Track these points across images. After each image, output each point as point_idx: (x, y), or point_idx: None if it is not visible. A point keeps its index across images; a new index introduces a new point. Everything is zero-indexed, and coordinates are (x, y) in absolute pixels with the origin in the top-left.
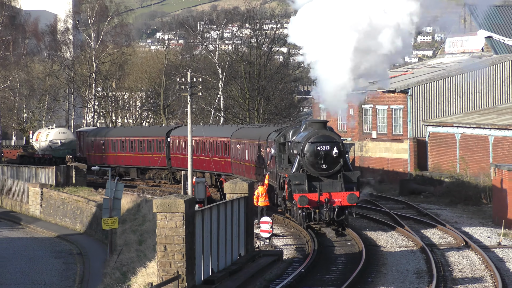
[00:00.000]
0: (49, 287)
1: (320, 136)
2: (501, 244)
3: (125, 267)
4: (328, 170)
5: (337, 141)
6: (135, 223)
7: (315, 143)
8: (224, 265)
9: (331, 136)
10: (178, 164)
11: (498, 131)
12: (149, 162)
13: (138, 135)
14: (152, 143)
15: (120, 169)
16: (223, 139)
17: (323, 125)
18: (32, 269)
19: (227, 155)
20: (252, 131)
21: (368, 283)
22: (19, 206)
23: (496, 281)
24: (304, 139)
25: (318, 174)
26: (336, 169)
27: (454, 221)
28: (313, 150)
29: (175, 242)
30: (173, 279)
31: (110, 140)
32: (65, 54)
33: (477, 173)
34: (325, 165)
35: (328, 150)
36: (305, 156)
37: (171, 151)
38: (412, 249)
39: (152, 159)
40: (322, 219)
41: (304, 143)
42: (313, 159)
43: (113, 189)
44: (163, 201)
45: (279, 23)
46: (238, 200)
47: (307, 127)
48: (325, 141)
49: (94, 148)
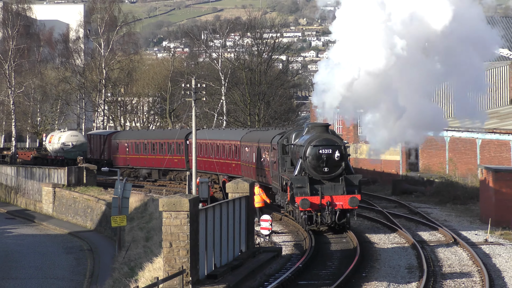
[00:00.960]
0: (61, 281)
1: (322, 139)
2: (487, 241)
3: (133, 262)
4: (330, 173)
5: (339, 144)
6: (142, 220)
7: (317, 146)
8: (226, 260)
9: (333, 139)
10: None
11: (485, 135)
12: (170, 164)
13: (159, 138)
14: (172, 145)
15: (143, 170)
16: (234, 142)
17: (325, 128)
18: (45, 264)
19: (237, 158)
20: (259, 134)
21: (362, 278)
22: (33, 204)
23: (483, 276)
24: (306, 143)
25: (320, 177)
26: (338, 172)
27: (444, 219)
28: (315, 153)
29: (180, 238)
30: (178, 273)
31: (133, 142)
32: (76, 62)
33: (465, 174)
34: (327, 168)
35: (330, 153)
36: (307, 159)
37: (189, 154)
38: (404, 246)
39: (173, 161)
40: (323, 222)
41: (306, 146)
42: (315, 162)
43: (122, 189)
44: (169, 200)
45: (279, 32)
46: (240, 199)
47: (309, 130)
48: (327, 144)
49: (119, 150)
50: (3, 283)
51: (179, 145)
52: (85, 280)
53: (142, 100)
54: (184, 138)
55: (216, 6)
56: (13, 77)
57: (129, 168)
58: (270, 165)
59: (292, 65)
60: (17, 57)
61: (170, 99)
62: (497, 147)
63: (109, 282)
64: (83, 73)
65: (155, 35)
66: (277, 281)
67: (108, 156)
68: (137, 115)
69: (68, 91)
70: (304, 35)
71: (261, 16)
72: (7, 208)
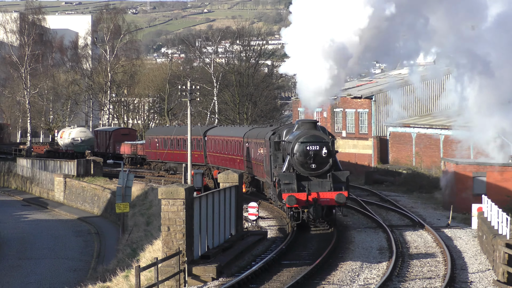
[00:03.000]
0: (71, 261)
1: (309, 136)
2: (449, 225)
3: (135, 244)
4: (318, 170)
5: (326, 141)
6: (143, 207)
7: (304, 143)
8: (218, 242)
9: (320, 136)
10: (212, 161)
11: (447, 131)
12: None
13: (183, 134)
14: (193, 141)
15: (171, 164)
16: (238, 138)
17: (314, 125)
18: (56, 246)
19: (240, 153)
20: (258, 131)
21: (338, 258)
22: (46, 193)
23: (446, 256)
24: (294, 139)
25: (307, 174)
26: (326, 169)
27: (411, 206)
28: (303, 150)
29: (176, 223)
30: (175, 254)
31: (162, 138)
32: (84, 66)
33: (429, 166)
34: (314, 165)
35: (317, 150)
36: (294, 156)
37: (207, 149)
38: (375, 230)
39: (193, 156)
40: (310, 218)
41: (294, 143)
42: (303, 159)
43: (125, 179)
44: (167, 189)
45: (264, 40)
46: (230, 188)
47: (299, 127)
48: (314, 141)
49: (151, 145)
50: (20, 263)
51: (199, 141)
52: (92, 260)
53: (143, 100)
54: (203, 135)
55: (209, 16)
56: (28, 79)
57: (160, 162)
58: (264, 160)
59: (276, 69)
60: (32, 62)
61: (168, 99)
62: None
63: (114, 261)
64: (90, 76)
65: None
66: (263, 261)
67: (113, 150)
68: (138, 113)
69: (77, 92)
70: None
71: (249, 25)
72: (23, 196)
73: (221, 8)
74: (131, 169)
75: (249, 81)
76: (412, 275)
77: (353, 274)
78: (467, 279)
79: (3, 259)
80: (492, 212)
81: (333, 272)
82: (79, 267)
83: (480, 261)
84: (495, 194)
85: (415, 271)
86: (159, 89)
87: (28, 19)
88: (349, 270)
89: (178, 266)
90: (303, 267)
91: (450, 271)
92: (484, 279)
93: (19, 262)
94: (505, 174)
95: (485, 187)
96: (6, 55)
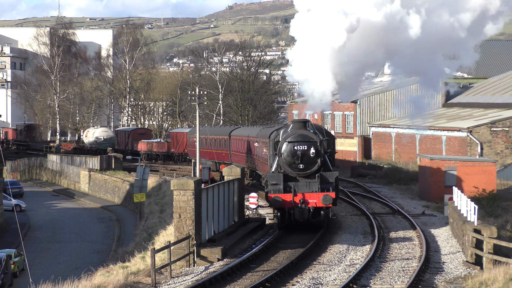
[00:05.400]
0: (94, 244)
1: (297, 135)
2: (424, 213)
3: (150, 229)
4: (305, 170)
5: (314, 140)
6: (158, 197)
7: (292, 142)
8: (222, 228)
9: (308, 135)
10: (236, 160)
11: (423, 131)
12: (220, 157)
13: (214, 134)
14: (221, 141)
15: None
16: (252, 138)
17: (303, 124)
18: (82, 231)
19: (254, 152)
20: (267, 131)
21: (328, 241)
22: (73, 184)
23: (421, 240)
24: (282, 139)
25: (295, 174)
26: (314, 169)
27: (391, 196)
28: (290, 150)
29: (187, 211)
30: (185, 238)
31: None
32: (107, 74)
33: (407, 161)
34: (302, 165)
35: (305, 150)
36: (282, 156)
37: (231, 148)
38: (360, 217)
39: (221, 155)
40: (296, 220)
41: (281, 143)
42: (290, 159)
43: (142, 172)
44: (178, 181)
45: (263, 52)
46: (233, 180)
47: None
48: (302, 140)
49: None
50: (50, 245)
51: (225, 140)
52: (113, 243)
53: (158, 104)
54: (228, 135)
55: (215, 31)
56: (58, 86)
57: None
58: (268, 159)
59: (273, 77)
60: (61, 70)
61: (179, 103)
62: (432, 141)
63: (132, 244)
64: (112, 83)
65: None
66: (262, 244)
67: (131, 147)
68: (153, 115)
69: (100, 97)
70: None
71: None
72: (53, 188)
73: (226, 24)
74: (147, 164)
75: (250, 87)
76: (392, 256)
77: (341, 255)
78: (440, 260)
79: (35, 243)
80: (462, 202)
81: (323, 253)
82: (101, 249)
83: (451, 244)
84: (464, 185)
85: (394, 253)
86: (171, 94)
87: (59, 33)
88: (337, 252)
89: (188, 248)
90: (297, 250)
91: (425, 253)
92: (455, 260)
93: (49, 245)
94: (473, 168)
95: (455, 180)
96: (39, 64)
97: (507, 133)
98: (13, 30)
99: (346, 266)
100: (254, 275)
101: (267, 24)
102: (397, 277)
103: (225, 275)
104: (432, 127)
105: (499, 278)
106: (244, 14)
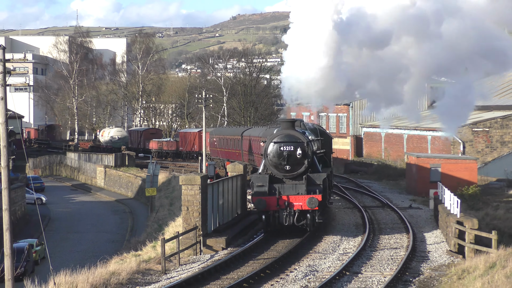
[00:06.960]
0: (109, 234)
1: (284, 135)
2: (411, 206)
3: (161, 221)
4: (292, 172)
5: (301, 141)
6: (167, 191)
7: (278, 143)
8: (227, 220)
9: (295, 136)
10: (245, 159)
11: (409, 131)
12: (233, 156)
13: (229, 134)
14: (235, 141)
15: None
16: (258, 138)
17: (291, 124)
18: (98, 222)
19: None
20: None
21: (323, 232)
22: (90, 180)
23: (408, 231)
24: (269, 139)
25: (281, 176)
26: (301, 170)
27: (380, 191)
28: (276, 151)
29: (194, 204)
30: (192, 229)
31: (219, 138)
32: (121, 79)
33: (395, 159)
34: (289, 166)
35: (291, 150)
36: (268, 157)
37: (243, 148)
38: (352, 209)
39: (234, 154)
40: (280, 223)
41: (267, 143)
42: (276, 160)
43: (153, 169)
44: (186, 177)
45: (264, 58)
46: (237, 176)
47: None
48: (288, 141)
49: (212, 144)
50: (68, 235)
51: (238, 141)
52: (127, 233)
53: (168, 106)
54: (240, 135)
55: (220, 39)
56: (76, 89)
57: (218, 159)
58: None
59: (273, 82)
60: (79, 75)
61: (187, 105)
62: (418, 140)
63: (143, 235)
64: (126, 87)
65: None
66: (262, 234)
67: (143, 146)
68: (164, 116)
69: (115, 100)
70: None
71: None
72: (71, 183)
73: (230, 33)
74: (158, 161)
75: (252, 91)
76: (381, 245)
77: (335, 245)
78: (425, 249)
79: (55, 233)
80: (446, 196)
81: (319, 243)
82: (116, 239)
83: (436, 235)
84: (448, 181)
85: (384, 243)
86: (180, 97)
87: (77, 41)
88: (331, 241)
89: (195, 238)
90: (295, 239)
91: (412, 242)
92: (439, 249)
93: (67, 235)
94: (456, 165)
95: (440, 176)
96: (58, 70)
97: (487, 133)
98: (35, 39)
99: (339, 255)
100: (256, 263)
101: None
102: (386, 265)
103: (229, 262)
104: (418, 127)
105: (480, 266)
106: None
